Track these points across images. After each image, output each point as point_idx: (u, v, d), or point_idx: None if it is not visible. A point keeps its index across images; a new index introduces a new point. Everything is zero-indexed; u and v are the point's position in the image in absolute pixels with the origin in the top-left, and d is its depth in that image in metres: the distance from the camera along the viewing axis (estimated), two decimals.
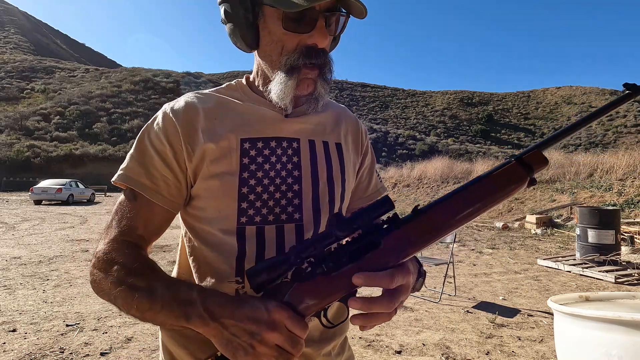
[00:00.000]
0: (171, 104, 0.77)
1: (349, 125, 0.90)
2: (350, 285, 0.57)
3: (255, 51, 0.78)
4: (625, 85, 0.59)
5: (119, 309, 0.65)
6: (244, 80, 0.84)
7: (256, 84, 0.82)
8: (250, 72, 0.86)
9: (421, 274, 0.65)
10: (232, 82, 0.85)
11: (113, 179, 0.74)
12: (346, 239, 0.60)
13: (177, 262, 0.86)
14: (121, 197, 0.74)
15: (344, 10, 0.72)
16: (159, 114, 0.76)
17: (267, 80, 0.77)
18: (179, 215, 0.81)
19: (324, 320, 0.60)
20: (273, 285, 0.59)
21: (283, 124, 0.79)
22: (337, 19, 0.74)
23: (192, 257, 0.78)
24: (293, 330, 0.55)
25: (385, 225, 0.60)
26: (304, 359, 0.77)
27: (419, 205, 0.60)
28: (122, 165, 0.75)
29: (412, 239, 0.57)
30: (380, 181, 0.97)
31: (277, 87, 0.73)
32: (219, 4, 0.75)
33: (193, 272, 0.77)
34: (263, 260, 0.62)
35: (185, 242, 0.81)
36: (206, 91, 0.82)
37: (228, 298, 0.60)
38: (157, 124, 0.75)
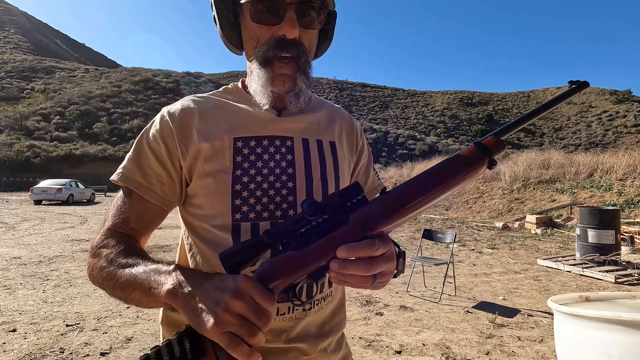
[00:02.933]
0: (168, 107, 0.81)
1: (344, 125, 0.92)
2: (319, 260, 0.57)
3: (244, 52, 0.82)
4: (571, 82, 0.67)
5: (108, 294, 0.68)
6: (239, 84, 0.88)
7: (248, 86, 0.85)
8: None
9: (400, 255, 0.66)
10: (229, 86, 0.88)
11: (112, 178, 0.78)
12: (317, 222, 0.61)
13: (176, 260, 0.88)
14: (119, 193, 0.79)
15: (313, 2, 0.73)
16: (157, 117, 0.80)
17: None
18: (179, 216, 0.84)
19: (293, 298, 0.60)
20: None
21: (276, 123, 0.81)
22: (319, 13, 0.75)
23: (190, 253, 0.81)
24: (258, 301, 0.53)
25: (353, 205, 0.61)
26: (300, 354, 0.78)
27: (386, 187, 0.62)
28: (121, 165, 0.79)
29: (377, 215, 0.58)
30: (379, 178, 0.98)
31: (253, 81, 0.77)
32: (211, 9, 0.79)
33: (191, 268, 0.79)
34: (236, 244, 0.63)
35: (184, 239, 0.84)
36: (203, 94, 0.85)
37: (199, 272, 0.60)
38: (155, 126, 0.79)
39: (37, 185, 18.46)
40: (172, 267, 0.61)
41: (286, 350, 0.77)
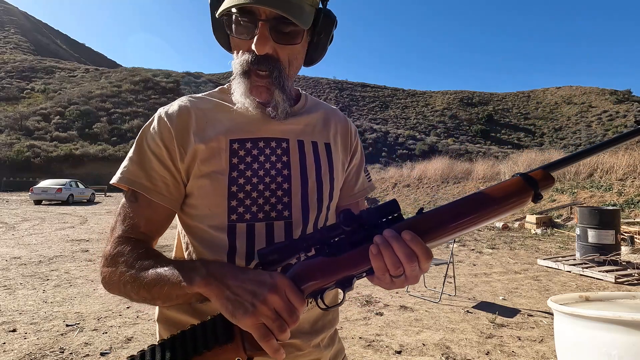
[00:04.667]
0: (165, 108, 0.81)
1: (339, 126, 0.93)
2: (350, 269, 0.59)
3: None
4: (638, 122, 0.63)
5: (130, 297, 0.68)
6: None
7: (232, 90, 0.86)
8: None
9: None
10: (224, 86, 0.87)
11: (113, 181, 0.77)
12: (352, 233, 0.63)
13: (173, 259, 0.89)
14: (123, 199, 0.78)
15: (288, 19, 0.68)
16: (155, 118, 0.80)
17: None
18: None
19: (320, 302, 0.62)
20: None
21: (271, 125, 0.82)
22: (299, 29, 0.73)
23: (187, 252, 0.82)
24: (291, 299, 0.56)
25: (389, 222, 0.62)
26: (294, 349, 0.79)
27: (424, 208, 0.62)
28: (122, 168, 0.77)
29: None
30: (369, 180, 0.99)
31: (235, 87, 0.77)
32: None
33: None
34: (274, 243, 0.67)
35: (181, 239, 0.85)
36: (199, 95, 0.85)
37: (232, 265, 0.63)
38: (153, 127, 0.78)
39: (37, 185, 18.45)
40: (198, 261, 0.64)
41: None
